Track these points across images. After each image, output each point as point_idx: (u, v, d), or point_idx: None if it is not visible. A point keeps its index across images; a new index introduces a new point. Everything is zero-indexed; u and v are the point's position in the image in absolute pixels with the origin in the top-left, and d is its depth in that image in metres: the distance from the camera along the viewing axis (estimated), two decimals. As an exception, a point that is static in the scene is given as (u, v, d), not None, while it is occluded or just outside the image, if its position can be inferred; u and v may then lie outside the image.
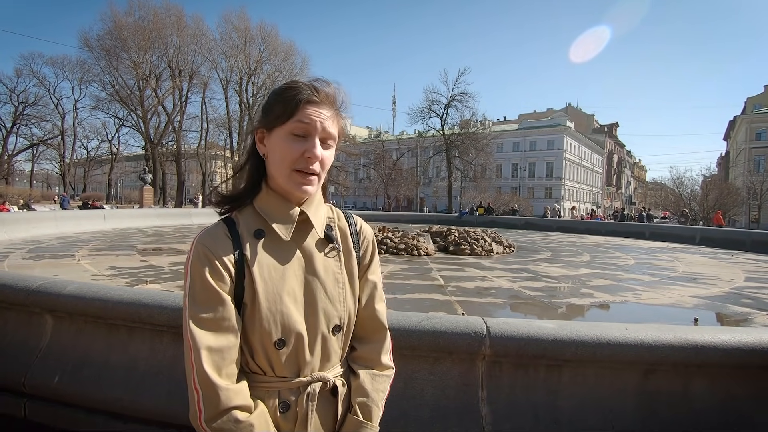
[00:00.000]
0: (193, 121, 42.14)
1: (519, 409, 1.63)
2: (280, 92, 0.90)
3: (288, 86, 0.90)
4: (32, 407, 2.02)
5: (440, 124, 42.90)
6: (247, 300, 0.85)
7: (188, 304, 0.82)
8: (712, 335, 1.61)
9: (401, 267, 6.58)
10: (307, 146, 0.86)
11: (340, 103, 0.93)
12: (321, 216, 0.95)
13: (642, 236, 14.99)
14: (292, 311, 0.86)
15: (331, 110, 0.90)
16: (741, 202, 35.74)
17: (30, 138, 43.51)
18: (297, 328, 0.86)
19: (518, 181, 57.32)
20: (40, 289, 2.11)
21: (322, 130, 0.87)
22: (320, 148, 0.87)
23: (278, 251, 0.89)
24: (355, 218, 1.04)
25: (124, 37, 35.22)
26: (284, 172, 0.88)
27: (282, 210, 0.90)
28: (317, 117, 0.87)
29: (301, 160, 0.86)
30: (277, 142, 0.88)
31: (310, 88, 0.89)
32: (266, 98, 0.95)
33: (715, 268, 7.93)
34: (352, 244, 0.99)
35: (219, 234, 0.87)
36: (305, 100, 0.87)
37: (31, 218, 11.60)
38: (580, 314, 4.32)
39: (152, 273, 5.57)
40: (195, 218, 16.98)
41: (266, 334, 0.84)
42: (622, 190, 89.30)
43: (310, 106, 0.87)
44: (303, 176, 0.87)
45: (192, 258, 0.84)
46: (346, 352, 0.97)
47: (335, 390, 0.90)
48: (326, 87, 0.91)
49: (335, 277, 0.93)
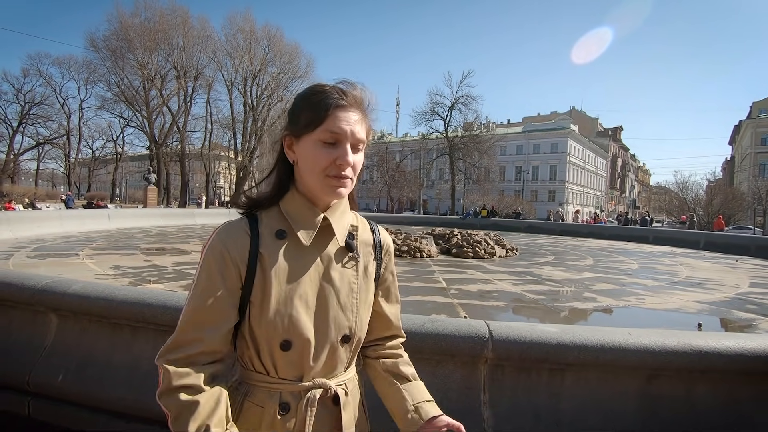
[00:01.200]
0: (197, 121, 42.44)
1: (521, 413, 1.63)
2: (306, 97, 0.88)
3: (314, 90, 0.87)
4: (36, 405, 2.03)
5: (444, 127, 42.95)
6: (255, 298, 0.85)
7: (192, 290, 0.84)
8: (716, 341, 1.60)
9: (404, 269, 6.57)
10: (339, 153, 0.84)
11: (367, 105, 0.91)
12: (344, 224, 0.94)
13: (646, 240, 14.93)
14: (301, 315, 0.85)
15: (358, 113, 0.87)
16: (746, 207, 35.56)
17: (36, 137, 43.90)
18: (304, 332, 0.85)
19: (521, 184, 57.27)
20: (45, 288, 2.12)
21: (352, 135, 0.85)
22: (351, 154, 0.86)
23: (296, 254, 0.88)
24: (380, 229, 1.03)
25: (130, 37, 35.47)
26: (317, 179, 0.86)
27: (306, 214, 0.89)
28: (347, 123, 0.85)
29: (333, 167, 0.85)
30: (308, 150, 0.86)
31: (338, 92, 0.86)
32: (292, 103, 0.92)
33: (720, 273, 7.88)
34: (374, 255, 0.98)
35: (239, 229, 0.87)
36: (334, 106, 0.84)
37: (36, 217, 11.68)
38: (582, 318, 4.30)
39: (156, 273, 5.60)
40: (198, 218, 17.06)
41: (272, 334, 0.84)
42: (626, 194, 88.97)
43: (339, 112, 0.84)
44: (336, 180, 0.86)
45: (207, 249, 0.85)
46: (353, 362, 0.96)
47: (337, 399, 0.89)
48: (353, 89, 0.89)
49: (350, 286, 0.91)
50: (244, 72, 39.79)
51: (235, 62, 39.37)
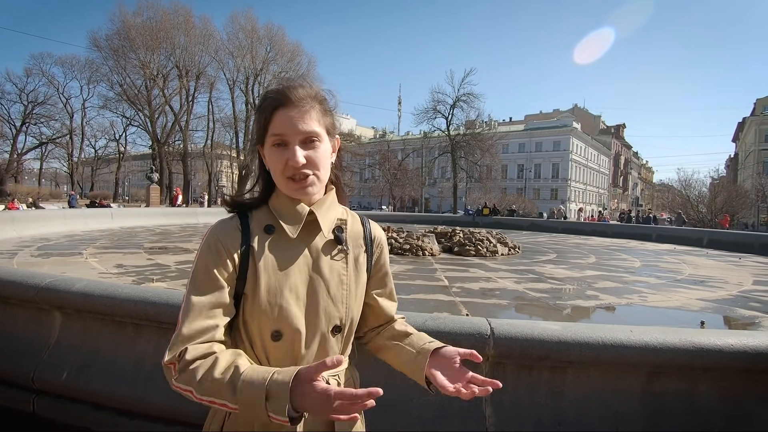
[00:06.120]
0: (199, 120, 42.47)
1: (522, 410, 1.63)
2: (258, 105, 0.94)
3: (262, 97, 0.92)
4: (40, 403, 2.05)
5: (446, 125, 42.84)
6: (248, 291, 0.87)
7: (189, 285, 0.86)
8: (718, 338, 1.60)
9: (406, 267, 6.57)
10: (288, 154, 0.87)
11: (320, 99, 0.92)
12: (331, 217, 0.96)
13: (649, 238, 14.85)
14: (291, 305, 0.88)
15: (303, 107, 0.88)
16: (750, 205, 35.35)
17: (39, 137, 44.10)
18: (295, 323, 0.88)
19: (524, 182, 57.13)
20: (49, 286, 2.14)
21: (297, 132, 0.87)
22: (300, 151, 0.87)
23: (285, 248, 0.91)
24: (371, 223, 1.06)
25: (132, 37, 35.55)
26: (281, 182, 0.91)
27: (292, 209, 0.92)
28: (288, 121, 0.87)
29: (288, 168, 0.88)
30: (268, 155, 0.91)
31: (277, 93, 0.89)
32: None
33: (723, 271, 7.85)
34: (364, 247, 1.00)
35: (231, 226, 0.91)
36: (273, 107, 0.88)
37: (39, 216, 11.72)
38: (585, 316, 4.29)
39: (158, 271, 5.61)
40: (201, 217, 17.08)
41: (264, 325, 0.87)
42: (629, 192, 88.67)
43: (279, 112, 0.87)
44: (295, 182, 0.89)
45: (203, 245, 0.89)
46: (346, 353, 0.98)
47: None
48: (297, 87, 0.90)
49: (340, 278, 0.94)
50: (246, 71, 39.83)
51: (237, 61, 39.40)
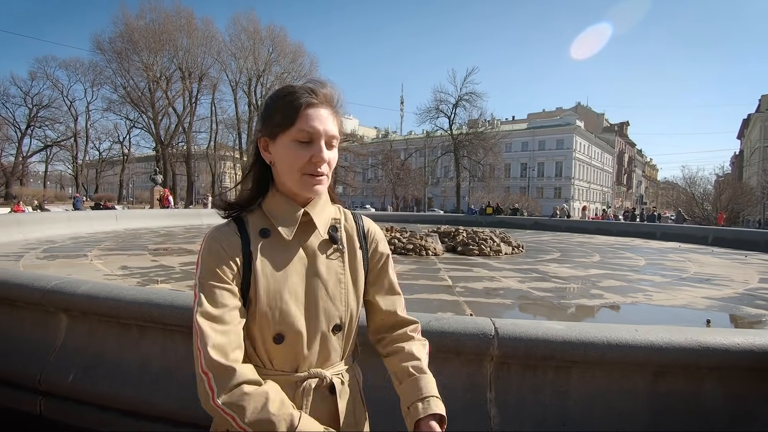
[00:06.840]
0: (202, 122, 42.78)
1: (527, 410, 1.63)
2: (278, 98, 0.90)
3: (286, 91, 0.90)
4: (47, 404, 2.06)
5: (448, 124, 42.84)
6: (252, 295, 0.87)
7: (197, 294, 0.85)
8: (724, 337, 1.59)
9: (409, 267, 6.57)
10: (314, 151, 0.87)
11: (336, 102, 0.94)
12: (325, 217, 0.96)
13: (653, 236, 14.78)
14: (291, 308, 0.88)
15: (329, 110, 0.90)
16: (755, 202, 35.08)
17: (44, 140, 44.52)
18: (296, 324, 0.88)
19: (527, 181, 56.93)
20: (55, 288, 2.15)
21: (325, 133, 0.88)
22: (326, 150, 0.89)
23: (282, 250, 0.91)
24: (363, 219, 1.06)
25: (135, 39, 35.76)
26: (294, 177, 0.89)
27: (286, 211, 0.92)
28: (319, 121, 0.87)
29: (310, 165, 0.88)
30: (283, 150, 0.89)
31: (308, 91, 0.88)
32: (263, 105, 0.95)
33: (729, 269, 7.79)
34: (359, 244, 1.00)
35: (229, 231, 0.90)
36: (305, 105, 0.87)
37: (45, 219, 11.79)
38: (589, 315, 4.28)
39: (163, 273, 5.64)
40: (205, 218, 17.11)
41: (266, 329, 0.87)
42: (633, 190, 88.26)
43: (311, 110, 0.87)
44: (313, 178, 0.89)
45: (203, 251, 0.88)
46: (348, 351, 0.98)
47: (333, 388, 0.92)
48: (323, 87, 0.91)
49: (338, 277, 0.94)
50: (248, 72, 40.00)
51: (240, 62, 39.59)
